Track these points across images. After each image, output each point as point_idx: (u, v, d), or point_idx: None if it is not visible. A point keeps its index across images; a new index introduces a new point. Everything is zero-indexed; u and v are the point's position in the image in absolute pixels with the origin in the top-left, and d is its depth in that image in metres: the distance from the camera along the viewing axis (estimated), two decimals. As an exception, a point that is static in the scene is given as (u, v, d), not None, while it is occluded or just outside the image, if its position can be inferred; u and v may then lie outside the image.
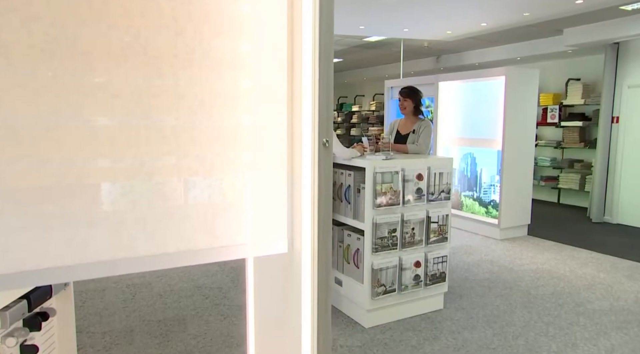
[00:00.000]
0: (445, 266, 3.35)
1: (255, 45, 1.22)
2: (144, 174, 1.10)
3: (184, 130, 1.15)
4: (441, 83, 6.20)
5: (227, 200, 1.23)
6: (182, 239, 1.16)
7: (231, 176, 1.23)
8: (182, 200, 1.16)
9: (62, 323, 2.00)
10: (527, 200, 5.65)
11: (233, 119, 1.22)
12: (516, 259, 4.71)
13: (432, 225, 3.24)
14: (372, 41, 8.11)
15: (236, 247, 1.24)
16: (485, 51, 8.34)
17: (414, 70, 10.32)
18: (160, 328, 3.06)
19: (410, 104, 3.85)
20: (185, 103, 1.15)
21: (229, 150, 1.21)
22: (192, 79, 1.14)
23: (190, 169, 1.17)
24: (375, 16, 5.37)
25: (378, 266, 3.06)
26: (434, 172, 3.22)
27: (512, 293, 3.77)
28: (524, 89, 5.44)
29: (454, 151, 6.17)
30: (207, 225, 1.20)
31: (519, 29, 6.24)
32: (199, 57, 1.15)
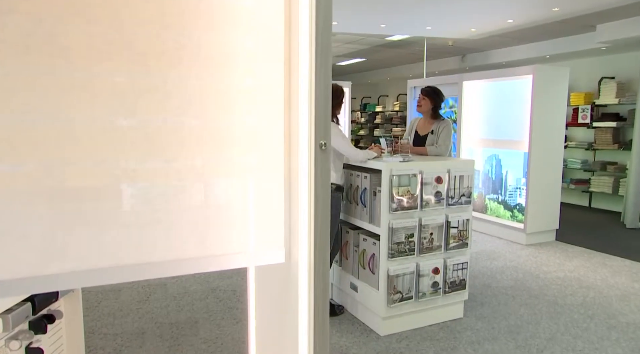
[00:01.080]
0: (466, 273, 3.20)
1: (250, 41, 1.14)
2: (127, 178, 1.03)
3: (173, 131, 1.08)
4: (465, 82, 6.01)
5: (219, 206, 1.15)
6: (170, 248, 1.09)
7: (224, 180, 1.16)
8: (169, 206, 1.09)
9: (70, 325, 1.97)
10: (555, 204, 5.41)
11: (226, 120, 1.14)
12: (542, 266, 4.50)
13: (452, 230, 3.11)
14: (395, 40, 7.97)
15: (228, 256, 1.16)
16: (512, 49, 8.07)
17: (439, 69, 10.10)
18: (172, 331, 3.03)
19: (428, 103, 3.71)
20: (174, 103, 1.08)
21: (221, 153, 1.13)
22: (181, 77, 1.07)
23: (178, 173, 1.10)
24: (397, 14, 5.24)
25: (394, 272, 2.94)
26: (454, 175, 3.08)
27: (538, 302, 3.59)
28: (552, 88, 5.21)
29: (478, 153, 5.97)
30: (197, 233, 1.13)
31: (547, 25, 5.99)
32: (189, 53, 1.07)
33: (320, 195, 1.09)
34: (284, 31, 1.17)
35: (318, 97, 1.06)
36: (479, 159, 5.96)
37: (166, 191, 1.10)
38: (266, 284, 1.46)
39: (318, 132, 1.06)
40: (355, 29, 6.14)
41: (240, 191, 1.18)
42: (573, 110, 7.44)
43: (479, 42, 7.46)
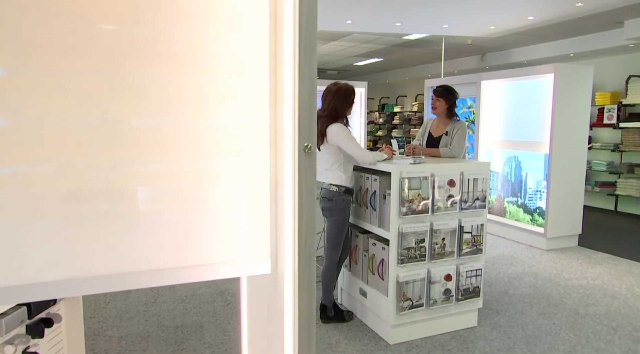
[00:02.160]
0: (480, 280, 3.07)
1: (232, 37, 1.06)
2: (97, 183, 0.97)
3: (147, 133, 1.01)
4: (484, 82, 5.84)
5: (200, 214, 1.08)
6: (145, 257, 1.02)
7: (206, 186, 1.09)
8: (144, 213, 1.02)
9: (70, 329, 1.93)
10: (577, 207, 5.19)
11: (208, 121, 1.07)
12: (563, 273, 4.31)
13: (465, 235, 2.98)
14: (412, 39, 7.82)
15: (209, 266, 1.09)
16: (534, 48, 7.82)
17: (458, 69, 9.89)
18: (177, 335, 2.99)
19: (442, 104, 3.59)
20: (148, 103, 1.01)
21: (200, 157, 1.06)
22: (156, 75, 1.01)
23: (154, 177, 1.03)
24: (412, 12, 5.12)
25: (404, 279, 2.84)
26: (468, 177, 2.95)
27: (557, 312, 3.42)
28: (575, 87, 5.00)
29: (497, 154, 5.79)
30: (176, 241, 1.06)
31: (571, 22, 5.76)
32: (164, 50, 1.00)
33: (305, 203, 1.01)
34: (270, 26, 1.09)
35: (301, 95, 0.98)
36: (497, 160, 5.78)
37: (142, 197, 1.03)
38: (257, 293, 1.39)
39: (302, 134, 0.98)
40: (370, 28, 6.03)
41: (224, 198, 1.11)
42: (598, 110, 7.16)
43: (499, 41, 7.25)
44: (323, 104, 3.05)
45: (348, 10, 5.03)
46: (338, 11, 5.03)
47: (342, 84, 3.05)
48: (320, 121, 3.06)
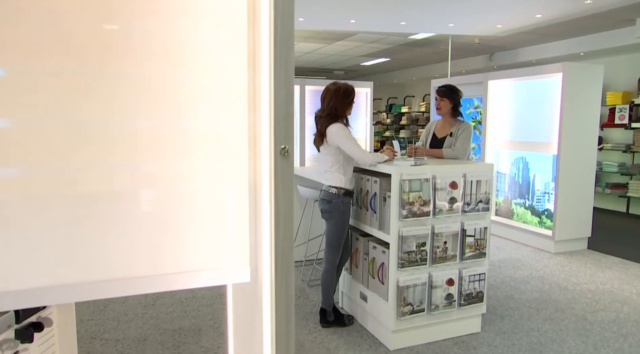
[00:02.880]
0: (483, 285, 2.99)
1: (209, 34, 1.01)
2: (64, 187, 0.92)
3: (120, 134, 0.97)
4: (491, 82, 5.74)
5: (176, 218, 1.03)
6: (118, 265, 0.98)
7: (182, 189, 1.03)
8: (116, 218, 0.97)
9: (63, 333, 1.90)
10: (587, 210, 5.07)
11: (184, 121, 1.02)
12: (572, 277, 4.20)
13: (468, 239, 2.90)
14: (419, 39, 7.74)
15: (186, 274, 1.04)
16: (543, 47, 7.69)
17: (466, 69, 9.78)
18: (174, 338, 2.95)
19: (447, 104, 3.51)
20: (121, 102, 0.96)
21: (177, 158, 1.01)
22: (128, 73, 0.96)
23: (128, 181, 0.98)
24: (417, 11, 5.04)
25: (404, 283, 2.77)
26: (471, 179, 2.88)
27: (564, 317, 3.33)
28: (584, 86, 4.89)
29: (505, 155, 5.68)
30: (151, 248, 1.01)
31: (580, 20, 5.64)
32: (138, 47, 0.96)
33: (281, 209, 0.95)
34: (248, 22, 1.04)
35: (277, 95, 0.92)
36: (505, 161, 5.67)
37: (115, 201, 0.98)
38: (242, 301, 1.34)
39: (278, 135, 0.93)
40: (375, 27, 5.96)
41: (201, 202, 1.06)
42: (609, 110, 7.01)
43: (507, 40, 7.14)
44: (322, 104, 3.00)
45: (352, 9, 4.97)
46: (341, 10, 4.97)
47: (342, 83, 2.99)
48: (319, 122, 3.00)
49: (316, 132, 3.03)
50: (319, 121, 2.99)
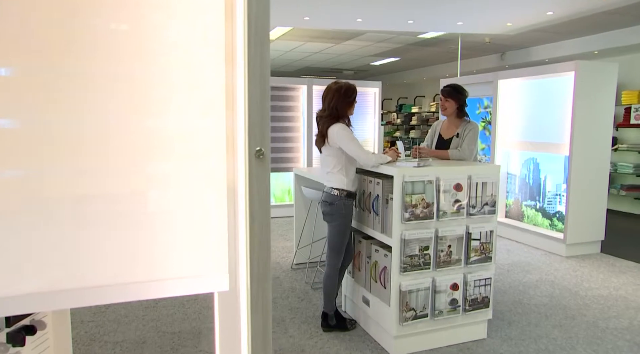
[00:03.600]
0: (489, 290, 2.90)
1: (184, 29, 0.96)
2: (27, 190, 0.88)
3: (88, 134, 0.92)
4: (501, 81, 5.62)
5: (150, 224, 0.98)
6: (87, 273, 0.93)
7: (155, 193, 0.98)
8: (84, 224, 0.92)
9: (57, 336, 1.87)
10: (600, 212, 4.93)
11: (157, 120, 0.97)
12: (583, 282, 4.08)
13: (473, 242, 2.82)
14: (428, 38, 7.63)
15: (160, 283, 0.99)
16: (555, 45, 7.52)
17: (477, 68, 9.63)
18: (173, 341, 2.92)
19: (452, 105, 3.42)
20: (89, 100, 0.91)
21: (148, 160, 0.96)
22: (96, 71, 0.91)
23: (95, 184, 0.93)
24: (424, 9, 4.95)
25: (407, 288, 2.69)
26: (476, 181, 2.79)
27: (575, 324, 3.22)
28: (598, 85, 4.75)
29: (515, 156, 5.56)
30: (119, 255, 0.96)
31: (593, 17, 5.49)
32: (106, 43, 0.91)
33: (257, 215, 0.89)
34: (225, 16, 0.98)
35: (252, 93, 0.86)
36: (515, 162, 5.55)
37: (82, 206, 0.94)
38: (225, 308, 1.28)
39: (253, 136, 0.87)
40: (382, 26, 5.88)
41: (176, 206, 1.01)
42: (625, 109, 6.83)
43: (518, 38, 6.99)
44: (323, 103, 2.94)
45: (358, 8, 4.90)
46: (347, 9, 4.91)
47: (343, 82, 2.93)
48: (321, 122, 2.94)
49: (317, 133, 2.97)
50: (320, 121, 2.93)
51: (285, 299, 3.63)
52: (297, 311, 3.40)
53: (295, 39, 7.81)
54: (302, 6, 4.87)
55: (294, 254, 4.52)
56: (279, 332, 3.06)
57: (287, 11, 5.11)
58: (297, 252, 4.43)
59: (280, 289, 3.84)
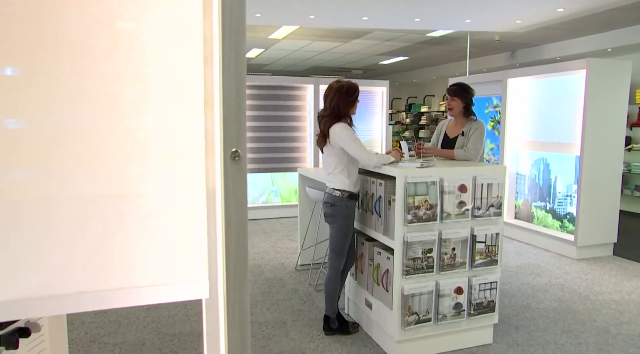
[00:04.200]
0: (495, 294, 2.82)
1: (160, 25, 0.91)
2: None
3: (58, 134, 0.88)
4: (510, 80, 5.51)
5: (123, 229, 0.94)
6: (48, 281, 0.89)
7: (130, 195, 0.94)
8: (51, 228, 0.88)
9: (53, 338, 1.85)
10: (612, 214, 4.80)
11: (131, 120, 0.92)
12: (594, 285, 3.97)
13: (478, 245, 2.74)
14: (437, 36, 7.54)
15: (134, 290, 0.95)
16: (567, 43, 7.38)
17: (487, 67, 9.51)
18: (173, 343, 2.89)
19: (458, 104, 3.34)
20: (60, 101, 0.87)
21: (124, 163, 0.92)
22: (66, 69, 0.87)
23: (67, 187, 0.89)
24: (431, 7, 4.87)
25: (409, 291, 2.63)
26: (481, 182, 2.71)
27: (585, 329, 3.12)
28: (610, 83, 4.62)
29: (525, 156, 5.45)
30: (91, 261, 0.92)
31: (606, 13, 5.35)
32: (77, 40, 0.86)
33: (233, 219, 0.84)
34: (203, 11, 0.94)
35: (226, 91, 0.82)
36: (525, 162, 5.44)
37: (50, 209, 0.90)
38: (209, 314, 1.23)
39: (228, 137, 0.82)
40: (388, 24, 5.80)
41: (153, 210, 0.96)
42: (639, 108, 6.66)
43: (529, 36, 6.86)
44: (325, 103, 2.88)
45: (363, 6, 4.84)
46: (353, 7, 4.84)
47: (345, 81, 2.87)
48: (322, 121, 2.89)
49: (319, 133, 2.92)
50: (322, 120, 2.88)
51: (288, 301, 3.59)
52: (300, 314, 3.35)
53: (302, 38, 7.77)
54: (307, 5, 4.82)
55: (298, 255, 4.47)
56: (280, 335, 3.02)
57: (292, 10, 5.07)
58: (302, 253, 4.38)
59: (284, 291, 3.80)
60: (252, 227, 6.01)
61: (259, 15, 5.31)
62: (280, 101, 6.37)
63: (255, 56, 10.09)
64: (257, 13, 5.23)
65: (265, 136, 6.40)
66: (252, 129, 6.33)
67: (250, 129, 6.32)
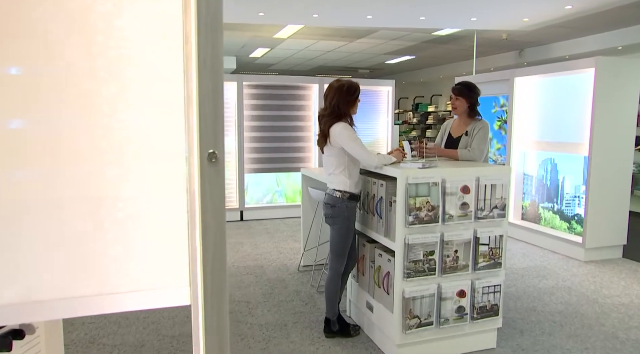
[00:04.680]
0: (499, 297, 2.76)
1: (136, 19, 0.88)
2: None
3: (31, 137, 0.84)
4: (517, 79, 5.43)
5: (98, 233, 0.90)
6: (21, 287, 0.85)
7: (105, 197, 0.90)
8: (23, 233, 0.85)
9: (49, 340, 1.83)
10: (622, 215, 4.71)
11: (107, 121, 0.89)
12: (603, 288, 3.88)
13: (482, 247, 2.68)
14: (443, 35, 7.46)
15: (111, 297, 0.91)
16: (576, 42, 7.26)
17: (494, 66, 9.40)
18: (172, 345, 2.87)
19: (463, 103, 3.28)
20: (29, 101, 0.84)
21: (100, 165, 0.88)
22: (36, 67, 0.83)
23: (40, 189, 0.86)
24: (436, 5, 4.80)
25: (410, 294, 2.58)
26: (485, 183, 2.66)
27: (592, 334, 3.05)
28: (620, 82, 4.53)
29: (532, 156, 5.37)
30: (67, 267, 0.88)
31: (616, 10, 5.25)
32: (47, 35, 0.83)
33: (209, 224, 0.80)
34: (183, 5, 0.90)
35: (202, 88, 0.78)
36: (532, 163, 5.36)
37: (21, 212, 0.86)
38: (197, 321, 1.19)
39: (205, 138, 0.78)
40: (393, 22, 5.75)
41: (131, 214, 0.92)
42: (649, 107, 6.53)
43: (537, 34, 6.76)
44: (325, 102, 2.84)
45: (367, 5, 4.78)
46: (357, 6, 4.79)
47: (345, 80, 2.83)
48: (322, 121, 2.85)
49: (319, 132, 2.88)
50: (322, 120, 2.84)
51: (290, 303, 3.55)
52: (301, 315, 3.32)
53: (307, 38, 7.73)
54: (310, 3, 4.78)
55: (301, 256, 4.44)
56: (281, 337, 2.98)
57: (295, 9, 5.03)
58: (304, 254, 4.34)
59: (285, 292, 3.76)
60: (256, 227, 5.99)
61: (262, 14, 5.28)
62: (285, 100, 6.34)
63: (261, 56, 10.08)
64: (260, 12, 5.20)
65: (269, 136, 6.37)
66: (257, 129, 6.31)
67: (255, 128, 6.30)
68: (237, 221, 6.33)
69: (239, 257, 4.70)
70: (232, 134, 6.21)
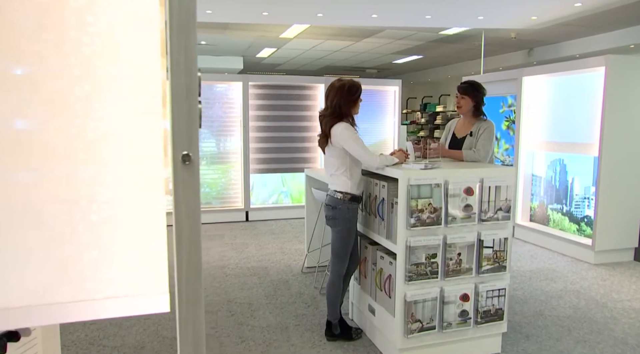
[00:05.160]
0: (503, 301, 2.70)
1: (110, 15, 0.85)
2: None
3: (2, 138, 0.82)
4: (526, 78, 5.34)
5: (74, 238, 0.87)
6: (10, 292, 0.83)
7: (83, 203, 0.87)
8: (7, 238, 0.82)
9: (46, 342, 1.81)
10: (633, 217, 4.60)
11: (81, 121, 0.86)
12: (612, 293, 3.79)
13: (485, 250, 2.62)
14: (450, 34, 7.38)
15: (87, 303, 0.88)
16: (587, 40, 7.13)
17: (503, 65, 9.29)
18: (172, 347, 2.84)
19: (468, 102, 3.22)
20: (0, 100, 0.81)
21: (75, 166, 0.85)
22: (5, 66, 0.80)
23: (7, 193, 0.83)
24: (441, 3, 4.73)
25: (412, 298, 2.53)
26: (489, 185, 2.60)
27: (601, 340, 2.97)
28: (631, 81, 4.42)
29: (540, 157, 5.27)
30: (41, 273, 0.85)
31: (627, 8, 5.13)
32: (16, 32, 0.80)
33: (184, 230, 0.77)
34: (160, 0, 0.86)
35: (175, 87, 0.74)
36: (540, 164, 5.27)
37: None
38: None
39: (178, 139, 0.75)
40: (398, 22, 5.69)
41: (109, 217, 0.89)
42: (662, 107, 6.39)
43: (546, 33, 6.66)
44: (326, 102, 2.80)
45: (372, 3, 4.73)
46: (362, 4, 4.74)
47: (347, 79, 2.78)
48: (323, 121, 2.81)
49: (320, 133, 2.84)
50: (323, 120, 2.80)
51: (292, 305, 3.52)
52: (303, 318, 3.28)
53: (313, 37, 7.70)
54: (315, 2, 4.74)
55: (304, 257, 4.40)
56: (281, 340, 2.95)
57: (299, 8, 5.00)
58: (308, 255, 4.31)
59: (288, 294, 3.73)
60: (261, 228, 5.96)
61: (266, 13, 5.25)
62: (291, 100, 6.31)
63: (268, 56, 10.07)
64: (264, 11, 5.17)
65: (275, 136, 6.34)
66: (262, 129, 6.29)
67: (261, 129, 6.28)
68: (243, 221, 6.31)
69: (243, 258, 4.67)
70: (238, 134, 6.19)
